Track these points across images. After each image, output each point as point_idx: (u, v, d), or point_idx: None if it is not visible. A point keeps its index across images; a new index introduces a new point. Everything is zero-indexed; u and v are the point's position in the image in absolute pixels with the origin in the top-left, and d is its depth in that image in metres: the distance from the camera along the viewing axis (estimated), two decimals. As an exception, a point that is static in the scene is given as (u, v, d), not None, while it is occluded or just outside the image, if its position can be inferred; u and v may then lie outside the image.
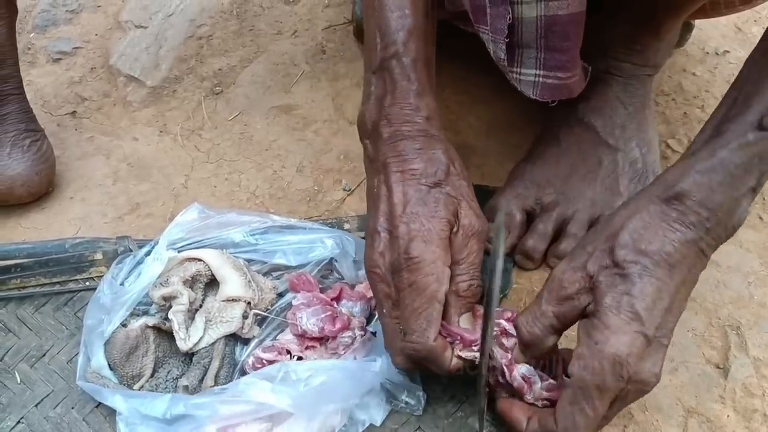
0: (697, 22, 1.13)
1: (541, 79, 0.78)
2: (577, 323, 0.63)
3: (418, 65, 0.68)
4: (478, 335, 0.66)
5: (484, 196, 0.93)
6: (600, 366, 0.57)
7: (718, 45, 1.17)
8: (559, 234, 0.87)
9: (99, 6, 1.23)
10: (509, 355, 0.67)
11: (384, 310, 0.66)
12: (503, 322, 0.69)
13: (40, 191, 0.95)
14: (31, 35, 1.18)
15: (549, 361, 0.68)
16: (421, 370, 0.71)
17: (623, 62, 0.87)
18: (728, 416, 0.76)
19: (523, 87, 0.80)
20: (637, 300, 0.57)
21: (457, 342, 0.67)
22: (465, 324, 0.68)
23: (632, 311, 0.57)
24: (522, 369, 0.66)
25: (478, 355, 0.66)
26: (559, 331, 0.63)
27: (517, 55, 0.77)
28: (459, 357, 0.67)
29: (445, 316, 0.67)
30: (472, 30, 0.81)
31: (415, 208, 0.65)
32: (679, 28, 0.92)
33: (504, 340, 0.69)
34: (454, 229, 0.66)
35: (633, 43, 0.86)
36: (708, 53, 1.16)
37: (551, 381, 0.66)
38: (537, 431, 0.63)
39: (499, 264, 0.59)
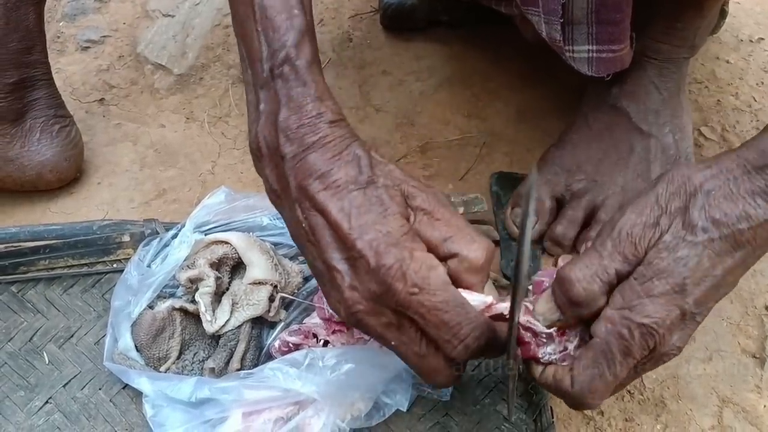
0: (731, 10, 1.11)
1: (594, 54, 0.76)
2: None
3: (314, 68, 0.58)
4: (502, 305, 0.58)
5: (513, 182, 0.92)
6: (629, 333, 0.52)
7: (753, 32, 1.15)
8: (589, 220, 0.85)
9: (127, -5, 1.24)
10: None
11: (394, 343, 0.56)
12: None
13: (69, 177, 0.95)
14: (60, 24, 1.18)
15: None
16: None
17: (661, 43, 0.85)
18: (765, 406, 0.74)
19: (578, 65, 0.78)
20: (691, 273, 0.52)
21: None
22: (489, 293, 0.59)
23: (681, 283, 0.52)
24: (548, 349, 0.58)
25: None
26: (609, 293, 0.55)
27: (568, 32, 0.76)
28: (500, 316, 0.58)
29: None
30: (505, 11, 0.80)
31: (361, 218, 0.54)
32: (719, 7, 0.90)
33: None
34: (412, 218, 0.56)
35: (675, 21, 0.84)
36: (742, 41, 1.13)
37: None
38: (551, 384, 0.57)
39: (528, 226, 0.51)
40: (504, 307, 0.58)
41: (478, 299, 0.57)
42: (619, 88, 0.87)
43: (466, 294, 0.56)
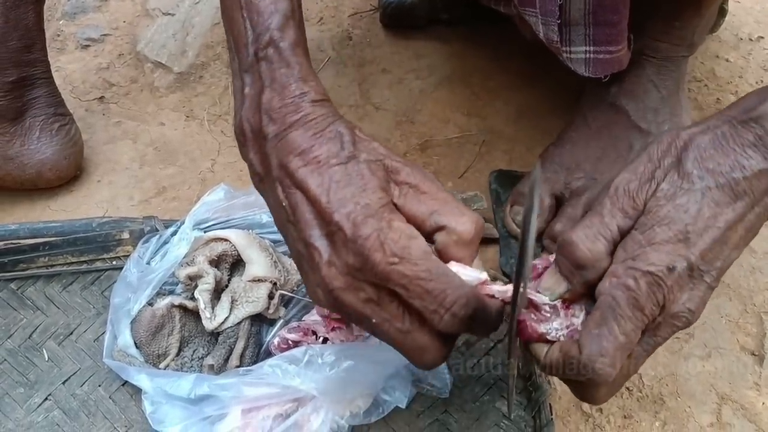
0: (731, 8, 1.11)
1: (592, 55, 0.76)
2: None
3: (298, 50, 0.57)
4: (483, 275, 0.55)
5: (512, 180, 0.93)
6: (635, 284, 0.50)
7: (752, 31, 1.15)
8: (588, 218, 0.85)
9: (127, -6, 1.24)
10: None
11: (375, 321, 0.53)
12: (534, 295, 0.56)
13: (68, 175, 0.95)
14: (61, 22, 1.19)
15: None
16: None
17: (660, 41, 0.85)
18: (763, 404, 0.74)
19: (575, 65, 0.79)
20: (693, 220, 0.50)
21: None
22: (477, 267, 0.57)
23: (683, 230, 0.50)
24: (555, 325, 0.55)
25: (507, 288, 0.55)
26: (614, 253, 0.53)
27: (565, 33, 0.76)
28: (491, 297, 0.55)
29: None
30: (504, 10, 0.80)
31: (340, 192, 0.52)
32: (717, 6, 0.90)
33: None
34: (396, 192, 0.54)
35: (673, 20, 0.84)
36: (742, 39, 1.13)
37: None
38: (558, 359, 0.53)
39: (533, 220, 0.49)
40: (497, 290, 0.55)
41: (471, 274, 0.54)
42: (618, 86, 0.87)
43: (458, 268, 0.54)
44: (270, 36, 0.57)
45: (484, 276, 0.55)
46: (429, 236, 0.54)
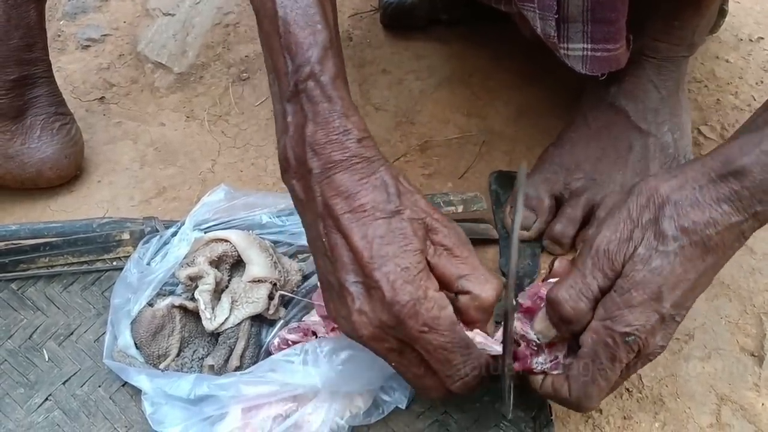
0: (731, 9, 1.11)
1: (589, 53, 0.78)
2: None
3: (338, 83, 0.59)
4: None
5: (512, 181, 0.93)
6: (613, 342, 0.57)
7: (752, 31, 1.15)
8: (588, 219, 0.85)
9: (127, -6, 1.24)
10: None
11: (395, 365, 0.61)
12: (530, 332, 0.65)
13: (69, 174, 0.95)
14: (61, 22, 1.19)
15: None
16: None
17: (660, 41, 0.85)
18: (763, 404, 0.74)
19: (572, 62, 0.79)
20: (665, 280, 0.56)
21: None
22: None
23: (656, 291, 0.56)
24: (540, 359, 0.64)
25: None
26: (595, 308, 0.59)
27: (563, 29, 0.76)
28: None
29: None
30: (504, 8, 0.80)
31: (382, 249, 0.56)
32: (717, 6, 0.90)
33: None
34: (431, 251, 0.59)
35: (673, 19, 0.84)
36: (742, 40, 1.13)
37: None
38: (551, 394, 0.62)
39: (518, 218, 0.56)
40: (499, 335, 0.63)
41: (492, 347, 0.62)
42: (617, 86, 0.88)
43: (481, 338, 0.61)
44: (310, 69, 0.58)
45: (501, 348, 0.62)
46: (454, 294, 0.60)
